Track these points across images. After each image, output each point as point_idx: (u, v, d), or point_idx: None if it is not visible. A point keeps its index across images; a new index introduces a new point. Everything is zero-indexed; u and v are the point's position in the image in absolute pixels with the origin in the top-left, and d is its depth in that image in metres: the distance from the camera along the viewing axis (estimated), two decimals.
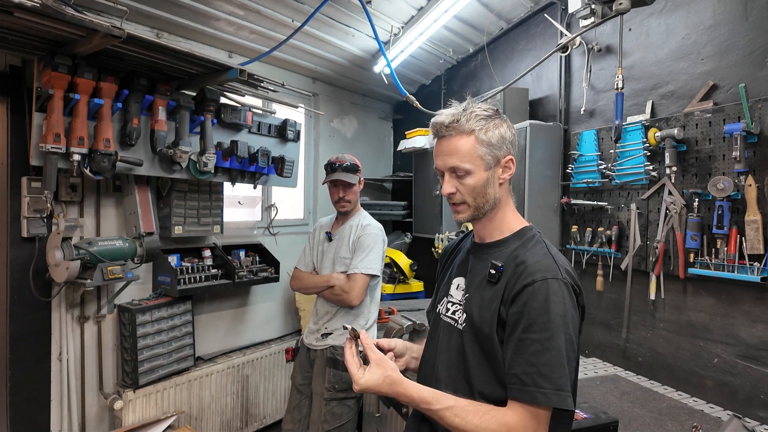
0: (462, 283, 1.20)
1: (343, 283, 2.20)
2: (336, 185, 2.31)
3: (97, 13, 2.40)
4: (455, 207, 1.15)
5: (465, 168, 1.10)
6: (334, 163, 2.32)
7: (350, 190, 2.32)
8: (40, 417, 2.41)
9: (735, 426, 1.61)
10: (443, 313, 1.22)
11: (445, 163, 1.12)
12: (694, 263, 2.04)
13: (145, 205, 2.58)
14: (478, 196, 1.12)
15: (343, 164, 2.30)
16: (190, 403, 2.81)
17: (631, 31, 2.39)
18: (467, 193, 1.12)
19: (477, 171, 1.10)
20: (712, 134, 2.00)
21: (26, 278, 2.29)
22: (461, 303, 1.17)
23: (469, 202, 1.12)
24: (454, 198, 1.14)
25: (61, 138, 2.01)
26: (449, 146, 1.11)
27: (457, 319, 1.16)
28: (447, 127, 1.11)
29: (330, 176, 2.31)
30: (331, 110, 4.05)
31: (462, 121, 1.10)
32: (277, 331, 3.62)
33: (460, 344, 1.12)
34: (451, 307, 1.20)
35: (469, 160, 1.10)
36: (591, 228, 2.53)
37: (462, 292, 1.18)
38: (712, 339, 2.04)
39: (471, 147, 1.10)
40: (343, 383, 2.19)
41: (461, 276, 1.21)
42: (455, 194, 1.13)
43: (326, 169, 2.36)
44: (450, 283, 1.25)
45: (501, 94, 2.83)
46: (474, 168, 1.10)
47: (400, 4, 2.89)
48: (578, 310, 1.04)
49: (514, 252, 1.11)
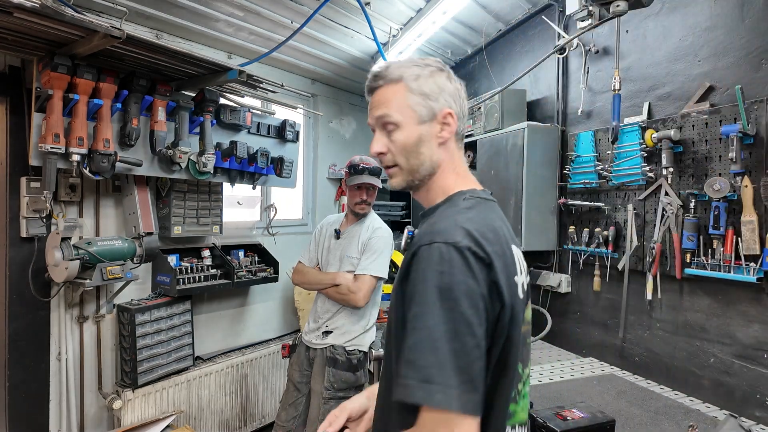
0: None
1: (350, 283, 2.21)
2: (360, 188, 2.29)
3: (97, 13, 2.41)
4: (387, 171, 0.99)
5: (393, 119, 0.94)
6: (358, 165, 2.29)
7: (372, 192, 2.32)
8: (38, 417, 2.41)
9: (731, 425, 1.62)
10: None
11: (372, 117, 0.97)
12: (690, 263, 2.05)
13: (144, 206, 2.59)
14: (410, 156, 0.94)
15: (369, 167, 2.28)
16: (189, 403, 2.81)
17: (628, 33, 2.40)
18: (398, 153, 0.95)
19: (407, 124, 0.94)
20: (709, 135, 2.02)
21: (25, 278, 2.29)
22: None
23: (401, 163, 0.95)
24: (384, 159, 0.97)
25: (61, 138, 2.02)
26: (377, 97, 0.96)
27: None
28: (376, 77, 0.97)
29: (357, 179, 2.27)
30: (330, 111, 4.05)
31: (392, 68, 0.96)
32: (276, 331, 3.63)
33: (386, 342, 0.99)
34: None
35: (397, 109, 0.93)
36: (588, 228, 2.55)
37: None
38: (709, 339, 2.05)
39: (400, 96, 0.94)
40: (342, 383, 2.19)
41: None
42: (385, 155, 0.96)
43: (349, 171, 2.32)
44: None
45: (499, 95, 2.85)
46: (403, 120, 0.93)
47: (398, 6, 2.90)
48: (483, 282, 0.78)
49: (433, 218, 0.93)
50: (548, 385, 2.09)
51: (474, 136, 3.11)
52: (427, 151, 0.95)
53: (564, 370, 2.32)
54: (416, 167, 0.95)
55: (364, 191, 2.30)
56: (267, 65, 3.39)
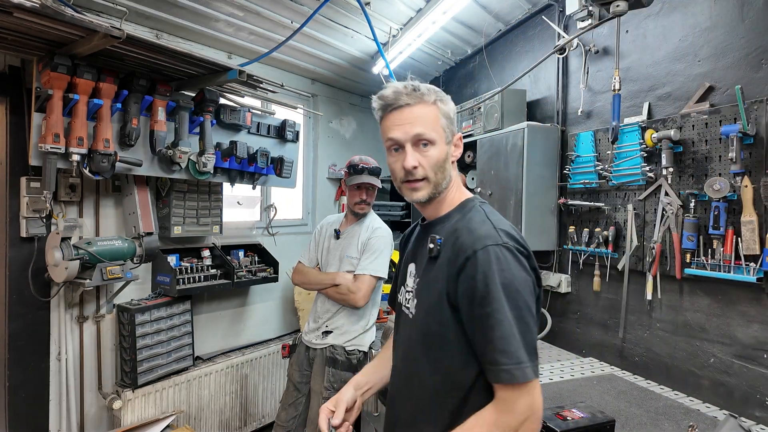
0: (413, 269, 1.16)
1: (350, 283, 2.21)
2: (360, 188, 2.30)
3: (97, 13, 2.41)
4: (415, 183, 1.06)
5: (431, 137, 1.03)
6: (358, 165, 2.30)
7: (372, 192, 2.33)
8: (38, 417, 2.41)
9: (731, 425, 1.62)
10: (403, 304, 1.20)
11: (407, 132, 1.03)
12: (690, 263, 2.05)
13: (144, 205, 2.59)
14: (438, 172, 1.05)
15: (368, 167, 2.30)
16: (189, 403, 2.81)
17: (628, 33, 2.40)
18: (429, 168, 1.04)
19: (440, 143, 1.05)
20: (709, 135, 2.01)
21: (25, 278, 2.29)
22: (413, 290, 1.13)
23: (431, 177, 1.05)
24: (416, 173, 1.04)
25: (61, 138, 2.02)
26: (412, 114, 1.04)
27: (410, 307, 1.13)
28: (408, 95, 1.04)
29: (357, 179, 2.28)
30: (330, 111, 4.06)
31: (423, 90, 1.05)
32: (275, 331, 3.63)
33: (410, 334, 1.10)
34: (408, 295, 1.17)
35: (434, 129, 1.04)
36: (588, 228, 2.55)
37: (413, 278, 1.15)
38: (709, 339, 2.05)
39: (435, 116, 1.04)
40: (342, 382, 2.19)
41: (413, 262, 1.18)
42: (418, 168, 1.04)
43: (349, 171, 2.33)
44: (405, 270, 1.21)
45: (499, 95, 2.85)
46: (438, 139, 1.04)
47: (398, 6, 2.90)
48: (531, 272, 0.98)
49: (454, 225, 1.05)
50: (548, 384, 2.09)
51: (474, 136, 3.11)
52: (448, 168, 1.08)
53: (564, 370, 2.32)
54: (440, 181, 1.07)
55: (363, 191, 2.30)
56: (267, 65, 3.39)
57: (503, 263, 0.93)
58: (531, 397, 0.91)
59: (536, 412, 0.93)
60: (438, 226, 1.10)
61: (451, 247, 1.01)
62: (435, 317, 1.02)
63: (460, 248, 0.98)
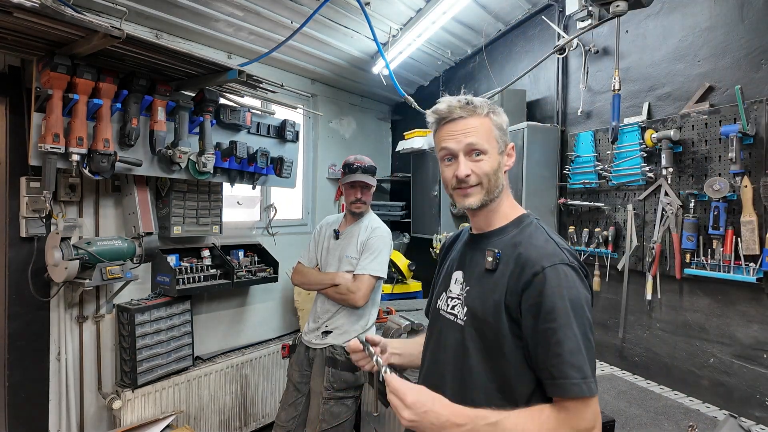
0: (461, 277, 1.18)
1: (349, 283, 2.21)
2: (354, 187, 2.30)
3: (97, 13, 2.41)
4: (467, 189, 1.10)
5: (484, 148, 1.08)
6: (352, 164, 2.31)
7: (367, 191, 2.33)
8: (38, 417, 2.41)
9: (730, 425, 1.62)
10: (443, 309, 1.20)
11: (460, 143, 1.09)
12: (690, 264, 2.05)
13: (144, 205, 2.59)
14: (491, 180, 1.09)
15: (362, 166, 2.30)
16: (188, 403, 2.81)
17: (628, 33, 2.40)
18: (482, 176, 1.09)
19: (492, 153, 1.10)
20: (708, 136, 2.02)
21: (25, 278, 2.29)
22: (460, 297, 1.15)
23: (483, 183, 1.09)
24: (469, 180, 1.09)
25: (60, 138, 2.02)
26: (466, 125, 1.09)
27: (456, 314, 1.14)
28: (462, 108, 1.09)
29: (350, 177, 2.30)
30: (329, 111, 4.06)
31: (476, 103, 1.10)
32: (275, 331, 3.63)
33: (461, 340, 1.11)
34: (451, 302, 1.18)
35: (487, 140, 1.09)
36: (588, 228, 2.55)
37: (461, 285, 1.16)
38: (708, 339, 2.05)
39: (488, 128, 1.10)
40: (342, 383, 2.19)
41: (460, 270, 1.19)
42: (471, 176, 1.09)
43: (344, 170, 2.35)
44: (449, 277, 1.22)
45: (499, 95, 2.85)
46: (491, 149, 1.09)
47: (398, 6, 2.90)
48: (589, 288, 1.04)
49: (512, 239, 1.09)
50: None
51: None
52: (501, 177, 1.12)
53: None
54: (493, 189, 1.10)
55: (358, 190, 2.31)
56: (267, 65, 3.39)
57: (570, 281, 0.98)
58: (594, 410, 0.96)
59: (599, 425, 0.97)
60: (494, 238, 1.13)
61: (514, 261, 1.04)
62: (491, 327, 1.04)
63: (525, 264, 1.01)
